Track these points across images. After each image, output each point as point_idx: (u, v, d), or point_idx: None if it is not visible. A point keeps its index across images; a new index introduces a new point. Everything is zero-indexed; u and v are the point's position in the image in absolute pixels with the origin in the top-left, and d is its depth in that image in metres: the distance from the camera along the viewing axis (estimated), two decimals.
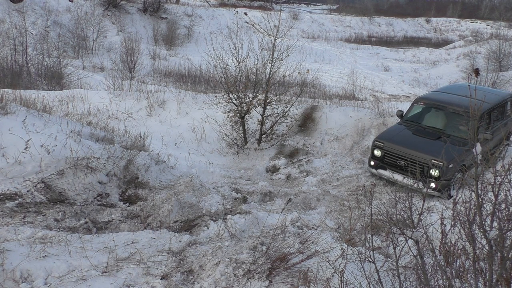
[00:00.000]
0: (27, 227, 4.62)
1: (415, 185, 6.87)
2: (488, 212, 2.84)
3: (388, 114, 10.31)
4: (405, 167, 7.33)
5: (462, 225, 2.96)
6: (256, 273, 3.93)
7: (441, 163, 6.90)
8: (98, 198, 5.68)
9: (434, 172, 7.01)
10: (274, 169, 8.79)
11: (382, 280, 3.11)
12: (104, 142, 6.60)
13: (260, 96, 9.68)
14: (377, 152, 7.82)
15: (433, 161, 7.00)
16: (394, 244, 3.14)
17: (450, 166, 6.95)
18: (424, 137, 7.72)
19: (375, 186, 7.67)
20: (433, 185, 6.94)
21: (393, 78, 26.77)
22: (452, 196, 7.24)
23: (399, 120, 8.61)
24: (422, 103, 8.45)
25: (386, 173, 7.62)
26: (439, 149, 7.17)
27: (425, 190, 6.56)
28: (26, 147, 5.62)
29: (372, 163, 7.93)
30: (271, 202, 6.81)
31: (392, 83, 25.41)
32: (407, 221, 3.15)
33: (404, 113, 8.57)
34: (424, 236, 3.18)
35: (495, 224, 2.77)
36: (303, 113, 10.70)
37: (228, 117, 9.79)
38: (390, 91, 23.04)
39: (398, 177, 7.38)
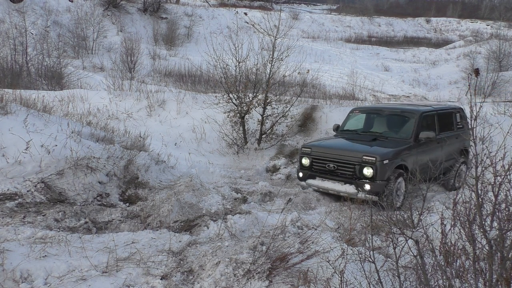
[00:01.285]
0: (27, 227, 4.61)
1: (349, 190, 6.40)
2: (488, 212, 2.84)
3: None
4: (335, 170, 6.61)
5: (462, 225, 2.96)
6: (256, 273, 3.93)
7: (374, 158, 6.13)
8: (98, 198, 5.68)
9: (368, 171, 6.20)
10: (274, 169, 8.79)
11: (382, 280, 3.11)
12: (104, 142, 6.60)
13: (260, 96, 9.69)
14: (305, 161, 7.02)
15: (364, 157, 6.22)
16: (394, 244, 3.14)
17: (385, 162, 6.13)
18: (358, 140, 7.15)
19: None
20: (367, 186, 6.17)
21: (393, 78, 26.79)
22: (398, 207, 6.20)
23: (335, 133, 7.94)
24: (357, 112, 8.05)
25: (316, 182, 6.88)
26: (372, 147, 6.58)
27: (360, 195, 6.12)
28: (27, 147, 5.62)
29: (300, 174, 7.09)
30: (271, 202, 6.81)
31: (392, 83, 25.43)
32: (407, 221, 3.15)
33: (340, 125, 7.99)
34: (424, 236, 3.18)
35: (495, 224, 2.77)
36: (303, 113, 10.70)
37: (228, 117, 9.80)
38: (390, 91, 23.07)
39: (328, 184, 6.66)
